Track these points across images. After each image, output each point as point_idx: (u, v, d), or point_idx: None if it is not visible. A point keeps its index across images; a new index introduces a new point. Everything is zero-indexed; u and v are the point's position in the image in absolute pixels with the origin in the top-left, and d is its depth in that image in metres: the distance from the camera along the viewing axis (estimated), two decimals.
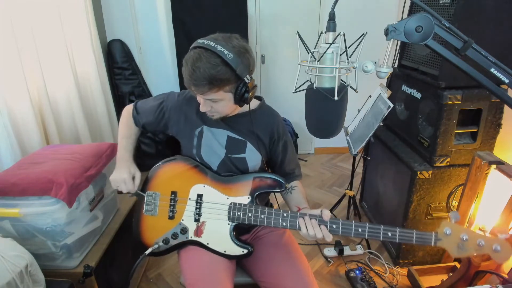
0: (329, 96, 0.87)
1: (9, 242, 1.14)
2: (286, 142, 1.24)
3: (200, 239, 1.15)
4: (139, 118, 1.26)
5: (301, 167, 1.32)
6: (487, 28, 1.46)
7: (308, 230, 1.00)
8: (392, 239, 0.96)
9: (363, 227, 0.98)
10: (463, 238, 0.92)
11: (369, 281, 1.79)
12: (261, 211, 1.08)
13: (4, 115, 1.61)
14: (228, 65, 0.96)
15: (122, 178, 1.13)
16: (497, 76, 0.77)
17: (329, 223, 1.00)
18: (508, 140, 1.71)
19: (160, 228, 1.17)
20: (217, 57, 0.96)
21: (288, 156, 1.25)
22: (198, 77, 0.96)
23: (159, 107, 1.23)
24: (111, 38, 2.99)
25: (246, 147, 1.19)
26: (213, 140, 1.18)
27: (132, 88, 3.09)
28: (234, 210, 1.11)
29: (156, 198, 1.18)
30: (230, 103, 1.06)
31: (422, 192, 1.72)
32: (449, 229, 0.93)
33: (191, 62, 0.97)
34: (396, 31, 0.76)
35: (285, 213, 1.05)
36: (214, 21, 2.86)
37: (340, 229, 1.00)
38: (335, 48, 0.86)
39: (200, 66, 0.95)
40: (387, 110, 1.71)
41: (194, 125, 1.20)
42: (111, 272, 1.53)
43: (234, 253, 1.13)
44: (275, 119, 1.22)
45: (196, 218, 1.15)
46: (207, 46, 0.96)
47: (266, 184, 1.13)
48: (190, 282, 1.08)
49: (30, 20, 1.85)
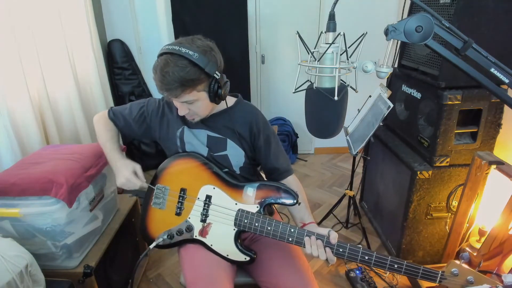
0: (329, 96, 0.87)
1: (9, 242, 1.14)
2: (268, 136, 1.23)
3: (204, 239, 1.15)
4: (117, 120, 1.27)
5: (293, 164, 1.31)
6: (487, 28, 1.46)
7: (313, 251, 1.00)
8: (397, 271, 0.97)
9: (370, 256, 0.97)
10: (469, 280, 0.92)
11: (369, 281, 1.79)
12: (268, 223, 1.07)
13: (4, 115, 1.61)
14: (196, 65, 0.99)
15: (126, 178, 1.13)
16: (497, 76, 0.77)
17: (336, 246, 1.00)
18: (508, 140, 1.71)
19: (166, 222, 1.18)
20: (184, 59, 0.99)
21: (272, 150, 1.23)
22: (169, 82, 0.99)
23: (139, 112, 1.24)
24: (111, 38, 2.99)
25: (227, 144, 1.20)
26: (195, 139, 1.20)
27: (132, 88, 3.09)
28: (241, 217, 1.10)
29: (165, 192, 1.19)
30: (206, 102, 1.08)
31: (422, 192, 1.72)
32: (457, 270, 0.93)
33: (160, 68, 1.00)
34: (396, 31, 0.76)
35: (292, 229, 1.04)
36: (214, 21, 2.86)
37: (346, 254, 0.99)
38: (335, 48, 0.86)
39: (169, 70, 0.98)
40: (387, 110, 1.71)
41: (175, 126, 1.22)
42: (111, 272, 1.53)
43: (237, 258, 1.13)
44: (253, 114, 1.22)
45: (202, 218, 1.15)
46: (172, 50, 0.99)
47: (276, 196, 1.11)
48: (190, 281, 1.08)
49: (30, 20, 1.85)
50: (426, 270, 0.94)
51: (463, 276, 0.92)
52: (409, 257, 1.90)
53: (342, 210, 2.40)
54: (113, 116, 1.28)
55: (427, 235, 1.84)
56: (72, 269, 1.34)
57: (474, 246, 1.74)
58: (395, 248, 1.95)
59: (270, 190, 1.12)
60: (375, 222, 2.31)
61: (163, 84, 1.00)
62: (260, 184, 1.14)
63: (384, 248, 2.11)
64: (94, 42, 2.45)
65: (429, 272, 0.95)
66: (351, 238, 2.24)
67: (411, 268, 0.96)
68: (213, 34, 1.13)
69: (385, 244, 2.10)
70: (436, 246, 1.87)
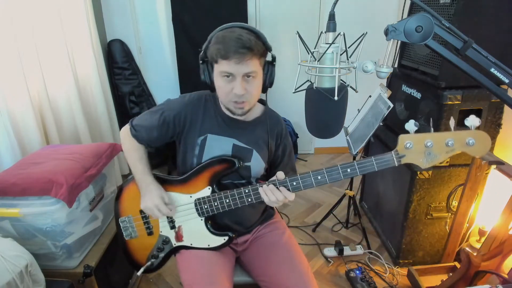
0: (329, 96, 0.87)
1: (9, 242, 1.14)
2: (285, 145, 1.24)
3: (183, 243, 1.17)
4: (140, 136, 1.17)
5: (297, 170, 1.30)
6: (487, 28, 1.46)
7: (269, 197, 1.00)
8: (353, 174, 0.94)
9: (322, 173, 0.98)
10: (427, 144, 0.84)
11: (369, 281, 1.79)
12: (224, 196, 1.09)
13: (4, 115, 1.61)
14: (260, 39, 1.01)
15: (155, 204, 1.09)
16: (497, 76, 0.77)
17: (288, 181, 1.00)
18: (508, 140, 1.71)
19: (145, 246, 1.20)
20: (251, 32, 1.00)
21: (285, 160, 1.24)
22: (244, 43, 0.95)
23: (160, 120, 1.14)
24: (111, 38, 2.99)
25: (252, 156, 1.17)
26: (217, 149, 1.14)
27: (132, 88, 3.09)
28: (200, 205, 1.12)
29: (130, 222, 1.21)
30: (260, 83, 1.06)
31: (422, 192, 1.72)
32: (409, 141, 0.85)
33: (230, 34, 0.97)
34: (396, 31, 0.76)
35: (247, 189, 1.05)
36: (214, 21, 2.83)
37: (300, 183, 0.99)
38: (335, 48, 0.86)
39: (242, 35, 0.97)
40: (387, 110, 1.71)
41: (198, 133, 1.14)
42: (111, 272, 1.53)
43: (217, 243, 1.15)
44: (280, 122, 1.23)
45: (171, 225, 1.17)
46: (237, 25, 1.00)
47: (219, 169, 1.11)
48: (188, 283, 1.08)
49: (30, 20, 1.85)
50: (378, 158, 0.90)
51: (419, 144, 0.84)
52: (409, 257, 1.90)
53: (342, 210, 2.40)
54: (135, 132, 1.17)
55: (427, 235, 1.84)
56: (72, 269, 1.34)
57: (474, 246, 1.74)
58: (395, 248, 1.95)
59: (210, 168, 1.12)
60: (375, 222, 2.31)
61: (237, 47, 0.95)
62: (199, 167, 1.13)
63: (384, 248, 2.11)
64: (94, 42, 2.46)
65: (383, 158, 0.89)
66: (351, 238, 2.24)
67: (364, 165, 0.93)
68: None
69: (385, 244, 2.10)
70: (436, 246, 1.87)
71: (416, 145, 0.86)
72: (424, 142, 0.85)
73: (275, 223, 1.30)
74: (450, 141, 0.83)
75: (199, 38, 3.15)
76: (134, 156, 1.17)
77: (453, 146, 0.82)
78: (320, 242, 2.20)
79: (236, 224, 1.21)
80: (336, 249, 2.04)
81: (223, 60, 0.97)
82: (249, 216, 1.24)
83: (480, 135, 0.81)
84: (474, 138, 0.82)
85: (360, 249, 2.06)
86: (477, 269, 1.40)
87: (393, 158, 0.90)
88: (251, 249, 1.25)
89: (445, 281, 1.60)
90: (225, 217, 1.18)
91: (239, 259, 1.28)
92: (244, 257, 1.26)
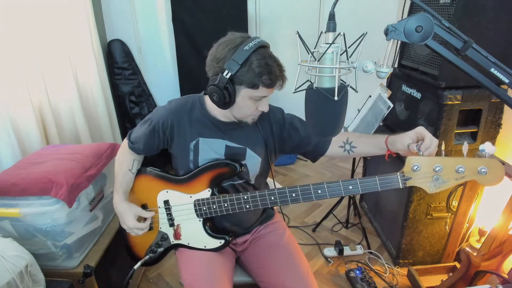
0: (329, 96, 0.87)
1: (9, 242, 1.14)
2: (292, 121, 1.21)
3: (180, 241, 1.18)
4: (137, 147, 1.20)
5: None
6: (487, 28, 1.46)
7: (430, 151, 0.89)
8: (355, 192, 0.91)
9: (322, 188, 0.98)
10: (435, 169, 0.79)
11: (369, 281, 1.79)
12: (223, 200, 1.09)
13: (4, 115, 1.61)
14: None
15: (130, 228, 1.13)
16: (497, 76, 0.77)
17: (287, 191, 1.00)
18: (508, 140, 1.71)
19: (145, 240, 1.21)
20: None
21: (303, 130, 1.20)
22: (281, 67, 1.00)
23: (150, 128, 1.15)
24: (111, 38, 2.99)
25: (246, 154, 1.16)
26: (211, 151, 1.14)
27: (132, 88, 3.09)
28: (199, 206, 1.13)
29: None
30: None
31: (422, 192, 1.72)
32: (417, 164, 0.80)
33: (270, 58, 0.98)
34: (396, 31, 0.76)
35: (245, 196, 1.06)
36: (214, 21, 2.86)
37: (300, 196, 1.00)
38: (335, 48, 0.85)
39: (274, 57, 0.99)
40: (387, 110, 1.71)
41: (189, 138, 1.14)
42: (111, 272, 1.53)
43: (213, 246, 1.16)
44: (276, 110, 1.23)
45: (170, 223, 1.18)
46: (265, 44, 0.99)
47: (219, 172, 1.12)
48: (188, 283, 1.08)
49: (30, 20, 1.85)
50: (382, 178, 0.86)
51: (427, 167, 0.80)
52: (409, 257, 1.90)
53: (342, 210, 2.40)
54: (132, 145, 1.20)
55: (427, 235, 1.84)
56: (72, 269, 1.34)
57: (474, 246, 1.74)
58: (395, 248, 1.95)
59: (211, 171, 1.12)
60: (375, 222, 2.31)
61: (281, 76, 1.00)
62: (200, 169, 1.13)
63: (384, 248, 2.11)
64: (94, 42, 2.45)
65: (388, 179, 0.85)
66: (351, 238, 2.24)
67: (366, 183, 0.92)
68: (213, 34, 1.12)
69: (385, 244, 2.10)
70: (436, 246, 1.87)
71: (424, 168, 0.81)
72: (433, 166, 0.80)
73: (275, 224, 1.30)
74: (461, 168, 0.78)
75: (199, 38, 3.14)
76: (117, 169, 1.21)
77: (464, 173, 0.77)
78: (320, 242, 2.20)
79: (235, 225, 1.22)
80: (336, 249, 2.05)
81: (267, 88, 0.99)
82: (248, 218, 1.24)
83: (494, 164, 0.76)
84: (487, 167, 0.76)
85: (360, 249, 2.06)
86: (477, 269, 1.40)
87: (398, 180, 0.88)
88: (251, 249, 1.25)
89: (445, 281, 1.60)
90: (224, 218, 1.18)
91: (239, 259, 1.28)
92: (244, 257, 1.26)
